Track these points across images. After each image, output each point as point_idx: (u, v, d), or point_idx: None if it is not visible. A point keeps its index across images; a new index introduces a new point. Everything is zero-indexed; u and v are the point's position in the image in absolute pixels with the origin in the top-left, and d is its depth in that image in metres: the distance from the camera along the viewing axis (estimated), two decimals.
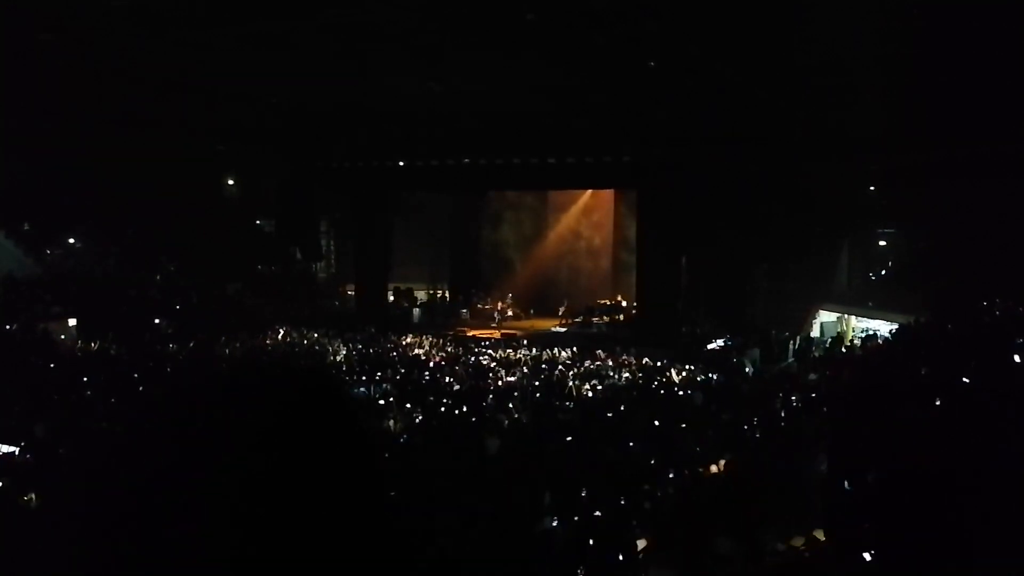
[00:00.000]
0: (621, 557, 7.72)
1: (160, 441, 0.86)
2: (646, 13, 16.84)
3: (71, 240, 29.47)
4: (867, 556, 6.50)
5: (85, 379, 17.94)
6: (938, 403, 11.09)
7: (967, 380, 12.15)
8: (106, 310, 25.26)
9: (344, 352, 24.82)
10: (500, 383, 20.09)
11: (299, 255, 36.32)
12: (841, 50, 19.30)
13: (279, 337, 27.40)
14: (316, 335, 27.72)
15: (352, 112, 27.48)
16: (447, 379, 20.26)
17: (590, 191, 36.35)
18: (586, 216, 37.18)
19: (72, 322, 24.68)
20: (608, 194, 35.88)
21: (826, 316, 27.18)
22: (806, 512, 7.96)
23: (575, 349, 25.48)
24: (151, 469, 0.84)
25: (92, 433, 12.45)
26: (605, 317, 32.44)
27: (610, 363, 23.45)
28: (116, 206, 28.36)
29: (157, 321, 26.57)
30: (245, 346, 25.11)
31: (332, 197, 36.16)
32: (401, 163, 32.22)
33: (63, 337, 23.84)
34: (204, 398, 0.90)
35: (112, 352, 22.71)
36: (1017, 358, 13.44)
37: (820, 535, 7.22)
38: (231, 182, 35.62)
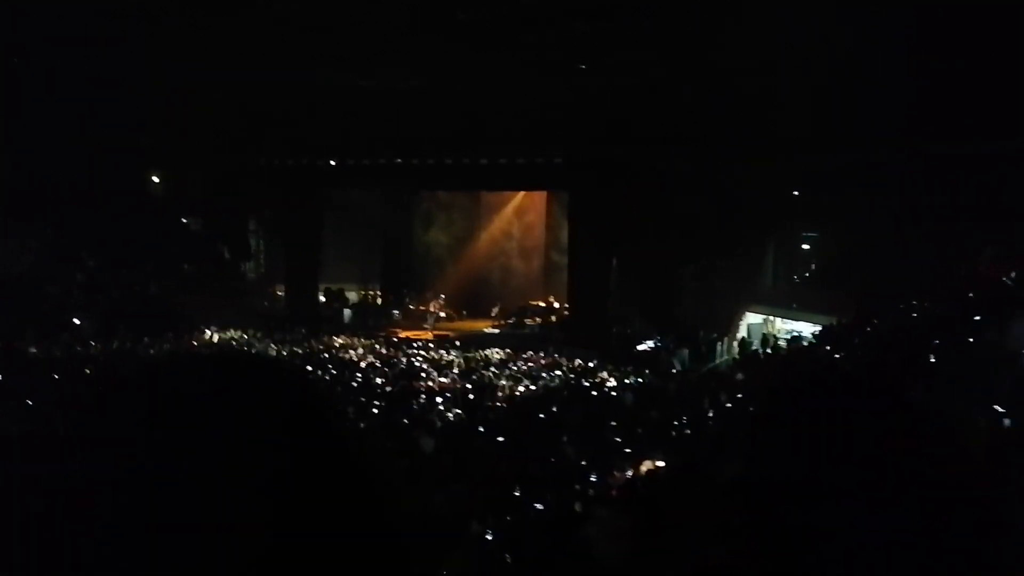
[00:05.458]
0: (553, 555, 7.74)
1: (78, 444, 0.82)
2: (576, 14, 17.00)
3: None
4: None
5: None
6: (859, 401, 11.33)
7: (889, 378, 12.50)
8: (23, 309, 24.41)
9: (273, 353, 24.44)
10: (432, 384, 20.01)
11: (227, 254, 35.57)
12: (767, 53, 19.72)
13: (206, 338, 26.85)
14: (245, 336, 27.23)
15: (282, 108, 27.10)
16: (378, 380, 20.09)
17: (523, 192, 36.43)
18: (518, 217, 37.27)
19: None
20: (541, 195, 36.04)
21: (753, 318, 27.67)
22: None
23: (507, 350, 25.53)
24: (70, 473, 0.80)
25: (6, 437, 12.03)
26: (537, 318, 32.58)
27: (542, 364, 23.55)
28: (34, 200, 27.38)
29: (77, 321, 25.78)
30: (171, 347, 24.53)
31: (261, 195, 35.51)
32: (332, 161, 31.88)
33: None
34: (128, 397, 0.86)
35: (29, 353, 21.98)
36: (934, 358, 13.87)
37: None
38: (156, 178, 34.72)
